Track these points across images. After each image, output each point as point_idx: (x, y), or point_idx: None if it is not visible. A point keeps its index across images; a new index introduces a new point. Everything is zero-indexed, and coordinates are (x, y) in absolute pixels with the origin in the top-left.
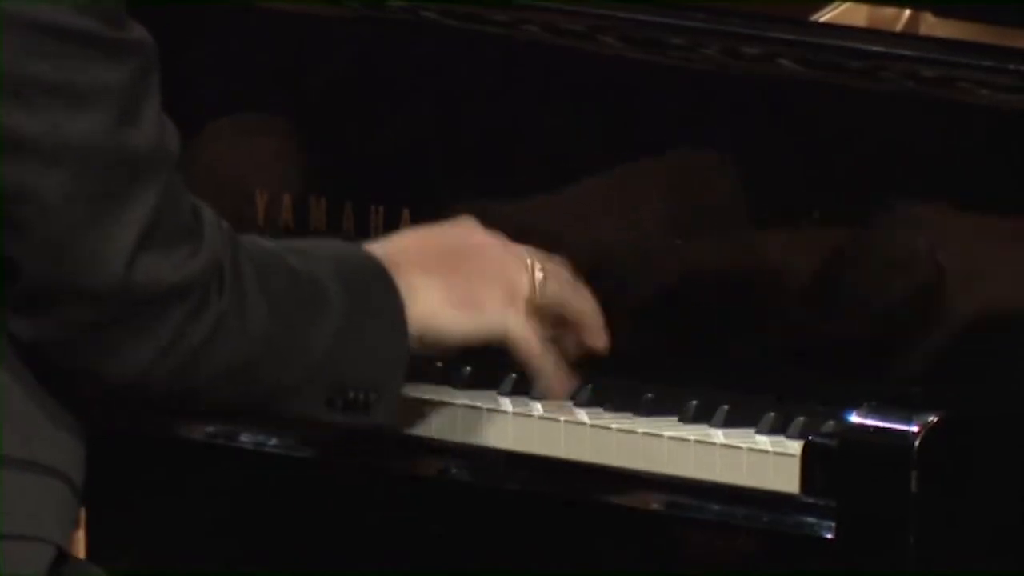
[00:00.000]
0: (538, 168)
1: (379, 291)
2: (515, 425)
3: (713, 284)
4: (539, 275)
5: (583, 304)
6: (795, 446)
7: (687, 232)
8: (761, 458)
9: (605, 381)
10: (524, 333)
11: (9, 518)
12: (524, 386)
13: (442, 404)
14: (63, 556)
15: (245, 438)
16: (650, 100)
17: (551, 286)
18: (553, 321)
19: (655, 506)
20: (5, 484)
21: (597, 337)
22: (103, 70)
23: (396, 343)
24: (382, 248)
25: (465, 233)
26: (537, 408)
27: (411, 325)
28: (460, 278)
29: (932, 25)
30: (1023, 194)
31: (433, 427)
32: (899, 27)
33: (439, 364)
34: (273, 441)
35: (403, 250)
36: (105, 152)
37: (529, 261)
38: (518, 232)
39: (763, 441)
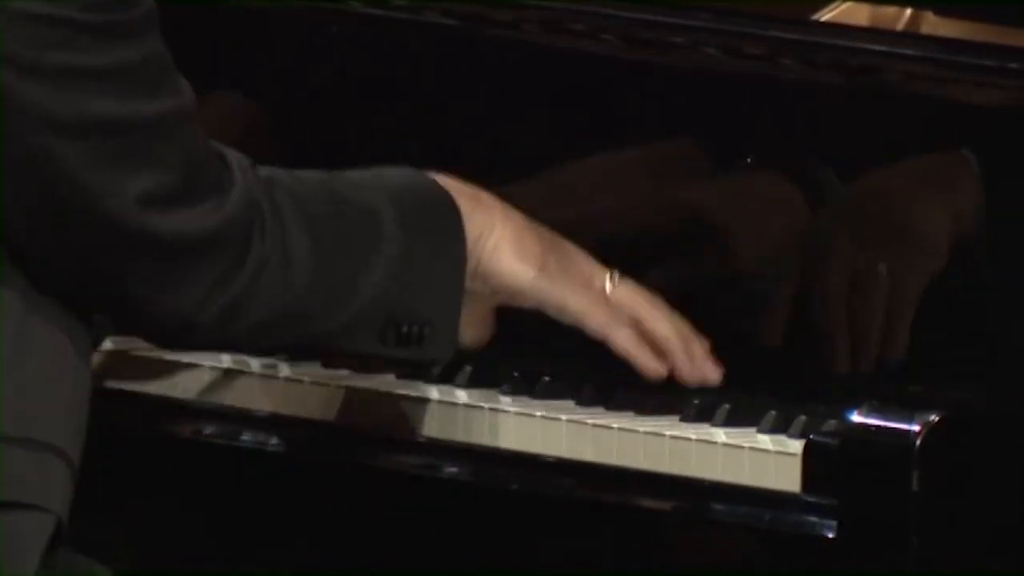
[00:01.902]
0: (539, 167)
1: (441, 221)
2: (517, 424)
3: (714, 283)
4: (616, 278)
5: (661, 322)
6: (796, 445)
7: (687, 232)
8: (762, 457)
9: (607, 380)
10: (589, 309)
11: (7, 487)
12: (525, 385)
13: (444, 403)
14: (61, 531)
15: (245, 438)
16: (650, 100)
17: (625, 289)
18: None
19: (656, 505)
20: (3, 457)
21: (682, 363)
22: (119, 53)
23: (453, 277)
24: (471, 187)
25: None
26: (538, 407)
27: (473, 259)
28: (539, 241)
29: (933, 25)
30: (1023, 194)
31: (434, 427)
32: (900, 26)
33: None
34: (274, 441)
35: (493, 198)
36: (125, 124)
37: (609, 272)
38: None
39: (764, 440)
